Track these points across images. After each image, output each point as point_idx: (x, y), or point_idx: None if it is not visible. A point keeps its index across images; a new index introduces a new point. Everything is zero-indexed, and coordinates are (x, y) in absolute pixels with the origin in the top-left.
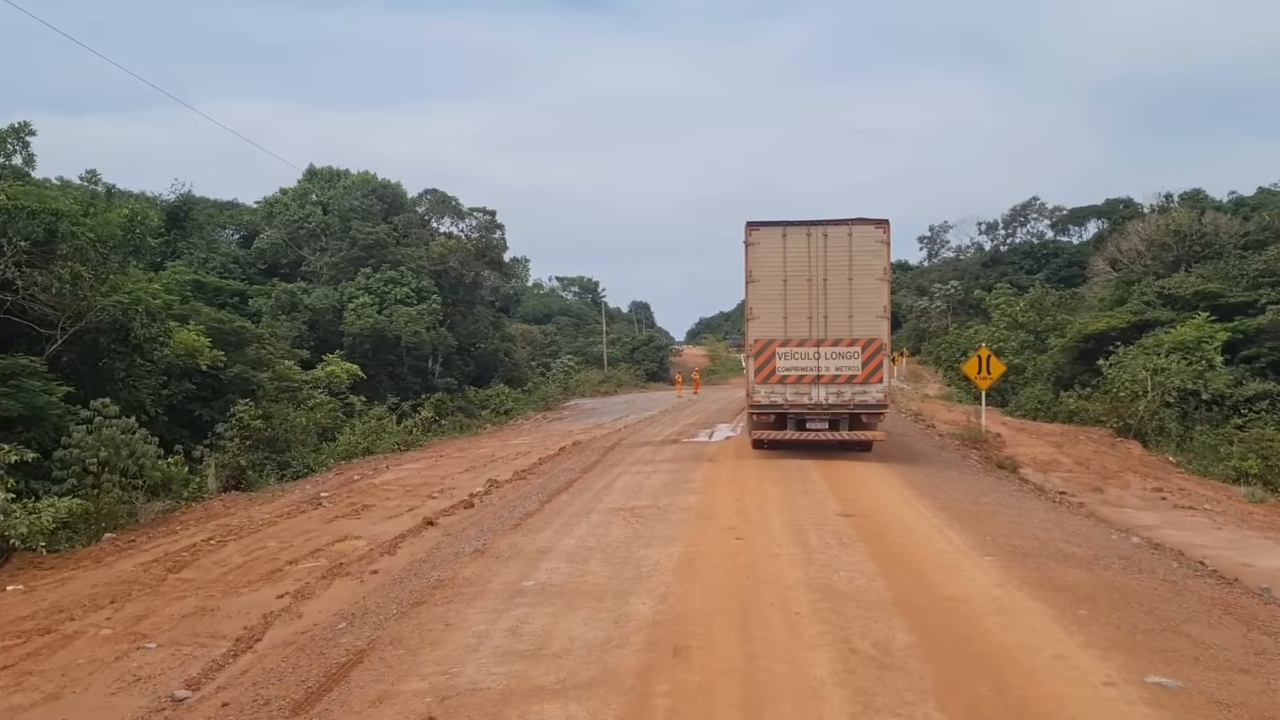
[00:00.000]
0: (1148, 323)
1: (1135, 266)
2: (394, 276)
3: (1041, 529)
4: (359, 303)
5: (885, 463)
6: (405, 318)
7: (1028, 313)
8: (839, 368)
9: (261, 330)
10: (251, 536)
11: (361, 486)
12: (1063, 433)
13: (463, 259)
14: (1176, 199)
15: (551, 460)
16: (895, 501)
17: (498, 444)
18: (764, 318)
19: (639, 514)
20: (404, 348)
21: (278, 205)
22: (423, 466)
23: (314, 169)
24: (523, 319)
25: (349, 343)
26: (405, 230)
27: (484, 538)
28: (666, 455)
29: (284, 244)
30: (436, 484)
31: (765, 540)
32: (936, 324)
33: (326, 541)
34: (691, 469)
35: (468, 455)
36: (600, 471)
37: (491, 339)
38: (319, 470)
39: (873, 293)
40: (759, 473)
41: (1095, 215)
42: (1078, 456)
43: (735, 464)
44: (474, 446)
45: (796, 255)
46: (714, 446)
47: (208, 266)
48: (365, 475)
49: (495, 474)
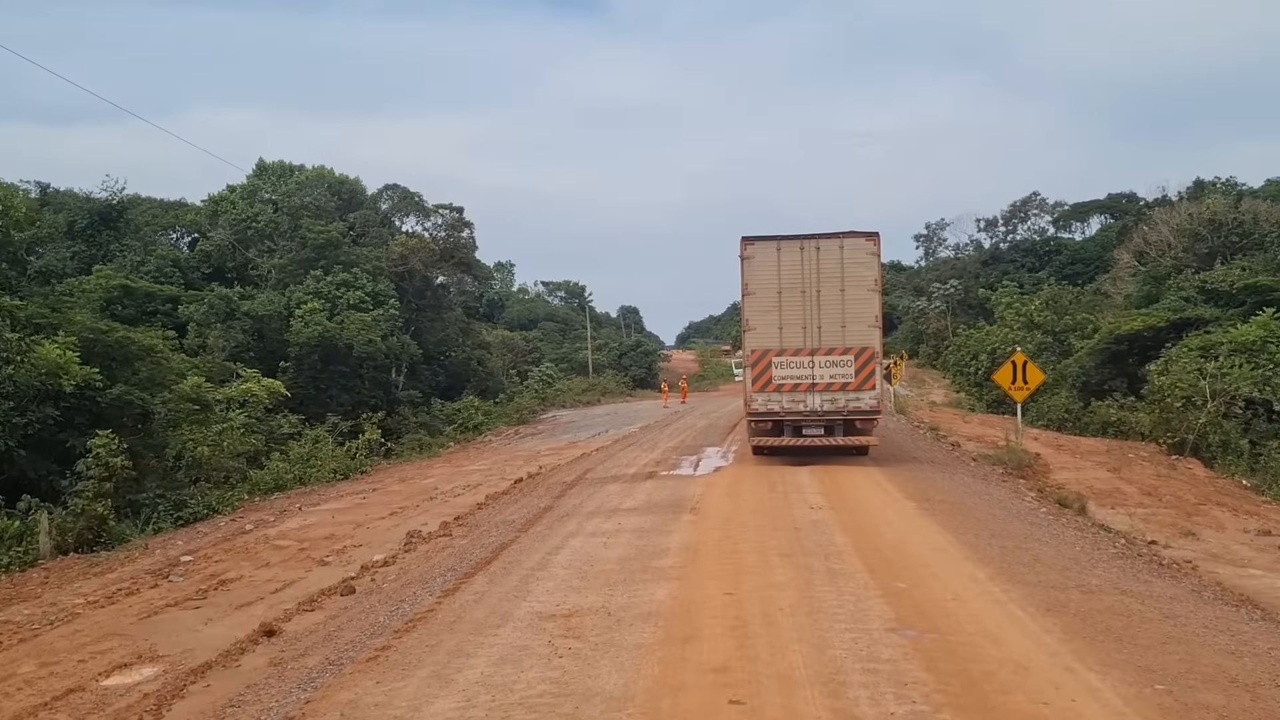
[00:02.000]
0: (1188, 321)
1: (1164, 260)
2: (347, 279)
3: (1211, 641)
4: (307, 308)
5: (928, 509)
6: (358, 325)
7: (1044, 312)
8: (833, 376)
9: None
10: (8, 652)
11: (246, 543)
12: (1108, 450)
13: (426, 259)
14: (1215, 184)
15: (496, 501)
16: (971, 594)
17: (450, 470)
18: (760, 329)
19: (576, 629)
20: (357, 358)
21: (224, 204)
22: (343, 507)
23: (264, 164)
24: (508, 325)
25: (295, 353)
26: (363, 229)
27: (315, 683)
28: (637, 500)
29: (230, 246)
30: (343, 538)
31: (780, 703)
32: (936, 325)
33: (99, 670)
34: (668, 525)
35: (407, 489)
36: (546, 527)
37: (462, 346)
38: (223, 511)
39: (864, 303)
40: (760, 534)
41: (1098, 210)
42: (1141, 484)
43: (727, 515)
44: (422, 474)
45: (790, 268)
46: (699, 484)
47: (142, 270)
48: (264, 523)
49: (422, 522)
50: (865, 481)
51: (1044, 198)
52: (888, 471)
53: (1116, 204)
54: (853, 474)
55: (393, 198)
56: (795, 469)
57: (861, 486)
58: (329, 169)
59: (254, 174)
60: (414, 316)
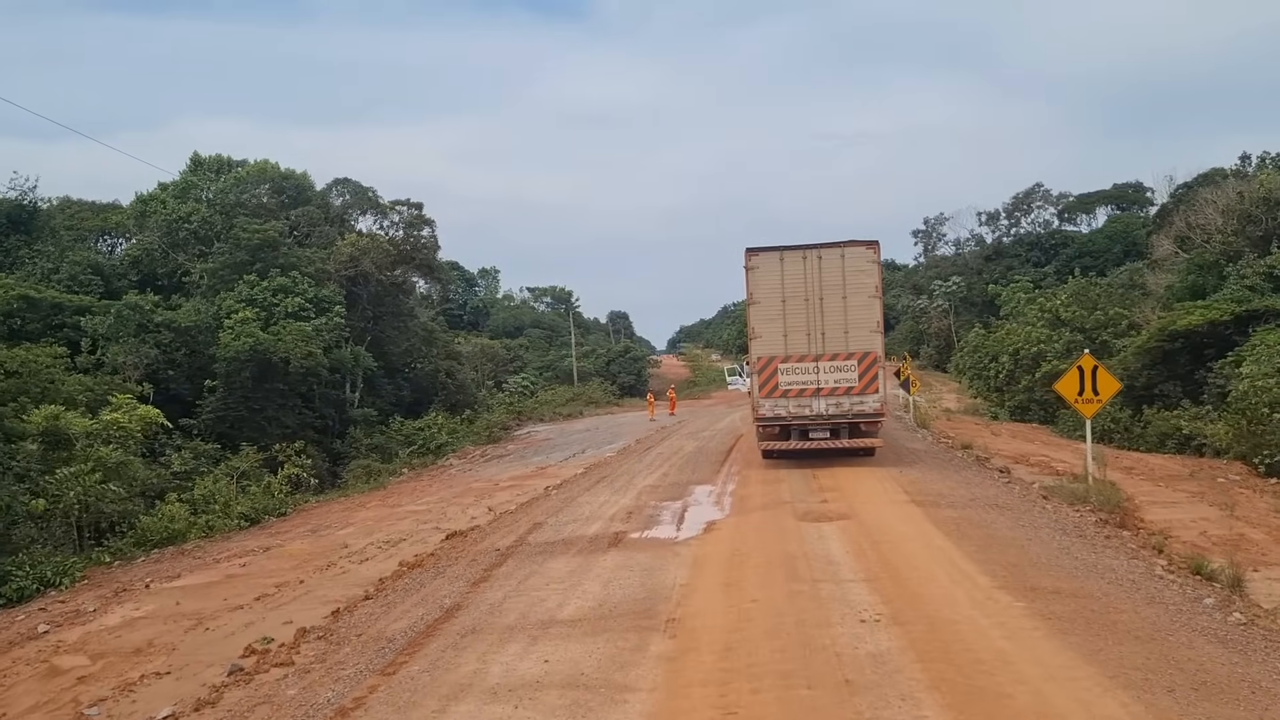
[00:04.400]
0: (1255, 314)
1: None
2: (285, 284)
3: None
4: (238, 318)
5: (1049, 617)
6: (296, 335)
7: (1071, 307)
8: (837, 380)
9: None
10: None
11: (15, 662)
12: (1191, 474)
13: (380, 261)
14: (1267, 162)
15: (400, 581)
16: None
17: (380, 514)
18: (766, 336)
19: None
20: (297, 374)
21: (153, 203)
22: (207, 582)
23: (200, 158)
24: (492, 333)
25: (223, 369)
26: (307, 228)
27: None
28: (587, 599)
29: (161, 250)
30: (156, 653)
31: None
32: (938, 325)
33: None
34: (625, 672)
35: (312, 546)
36: (428, 666)
37: (429, 357)
38: (61, 585)
39: (866, 309)
40: (788, 695)
41: (1104, 201)
42: (1271, 528)
43: (726, 642)
44: (345, 518)
45: (793, 277)
46: (683, 560)
47: (55, 278)
48: (75, 617)
49: (285, 620)
50: (922, 551)
51: (1047, 189)
52: (946, 527)
53: (1123, 194)
54: (900, 536)
55: (344, 194)
56: (820, 531)
57: (921, 563)
58: (273, 163)
59: (188, 169)
60: (370, 325)
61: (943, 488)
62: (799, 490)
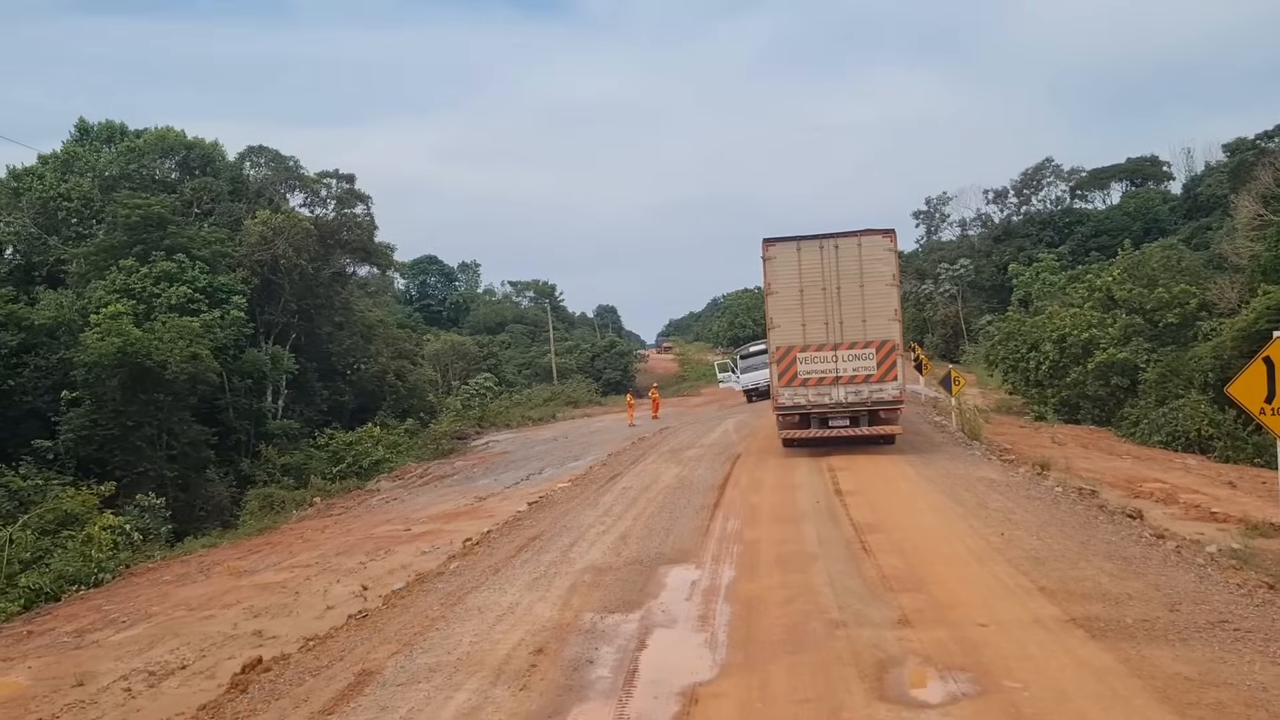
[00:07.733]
0: None
1: None
2: (169, 270)
3: None
4: (109, 311)
5: None
6: (175, 332)
7: (1124, 284)
8: (856, 369)
9: None
10: None
11: None
12: None
13: (299, 243)
14: None
15: None
16: None
17: (220, 589)
18: (784, 326)
19: None
20: (180, 382)
21: (28, 179)
22: None
23: (86, 125)
24: (473, 329)
25: (84, 377)
26: (209, 204)
27: None
28: None
29: (34, 235)
30: None
31: None
32: (945, 311)
33: None
34: None
35: (55, 668)
36: None
37: (375, 357)
38: None
39: (883, 298)
40: None
41: (1120, 175)
42: None
43: None
44: (143, 607)
45: (810, 267)
46: None
47: None
48: None
49: None
50: None
51: (1058, 164)
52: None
53: (1139, 168)
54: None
55: (260, 163)
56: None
57: None
58: (177, 130)
59: (73, 139)
60: (295, 321)
61: (1093, 573)
62: (851, 583)
